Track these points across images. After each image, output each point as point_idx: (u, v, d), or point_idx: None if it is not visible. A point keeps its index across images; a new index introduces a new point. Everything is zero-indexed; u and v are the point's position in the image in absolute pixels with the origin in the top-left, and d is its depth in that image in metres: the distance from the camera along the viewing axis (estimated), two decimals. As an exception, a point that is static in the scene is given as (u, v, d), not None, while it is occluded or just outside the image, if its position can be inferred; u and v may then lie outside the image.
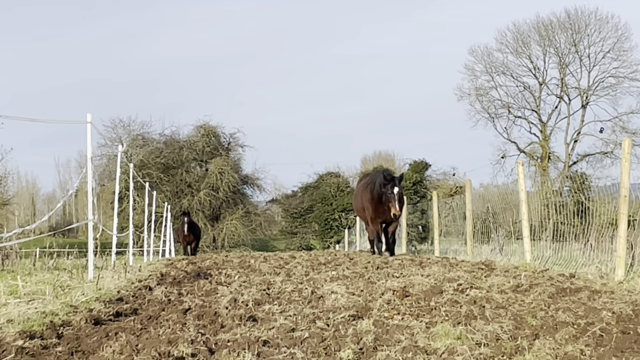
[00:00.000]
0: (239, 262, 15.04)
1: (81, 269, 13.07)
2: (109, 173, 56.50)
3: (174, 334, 5.95)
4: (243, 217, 58.74)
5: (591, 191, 17.57)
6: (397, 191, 16.27)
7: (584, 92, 54.56)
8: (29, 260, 18.73)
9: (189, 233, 29.87)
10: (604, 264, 11.96)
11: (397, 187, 16.29)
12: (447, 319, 6.57)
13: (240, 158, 63.10)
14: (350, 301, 7.73)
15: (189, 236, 30.05)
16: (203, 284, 10.00)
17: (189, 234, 29.95)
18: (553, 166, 55.68)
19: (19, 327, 6.29)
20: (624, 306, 7.02)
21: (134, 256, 18.25)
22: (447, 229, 25.28)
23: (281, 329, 6.17)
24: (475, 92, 57.14)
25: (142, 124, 60.96)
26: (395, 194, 16.26)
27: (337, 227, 57.44)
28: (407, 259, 14.66)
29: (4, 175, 48.08)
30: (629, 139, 10.85)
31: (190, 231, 29.94)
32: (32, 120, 11.32)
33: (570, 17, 54.58)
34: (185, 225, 29.91)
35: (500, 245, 18.68)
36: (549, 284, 8.92)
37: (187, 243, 30.25)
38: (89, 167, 11.91)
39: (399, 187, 16.32)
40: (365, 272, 11.16)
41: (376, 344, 5.62)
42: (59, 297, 8.37)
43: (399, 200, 16.39)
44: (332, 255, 17.12)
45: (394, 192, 16.27)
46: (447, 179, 61.03)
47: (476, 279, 9.73)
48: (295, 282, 10.02)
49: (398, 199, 16.29)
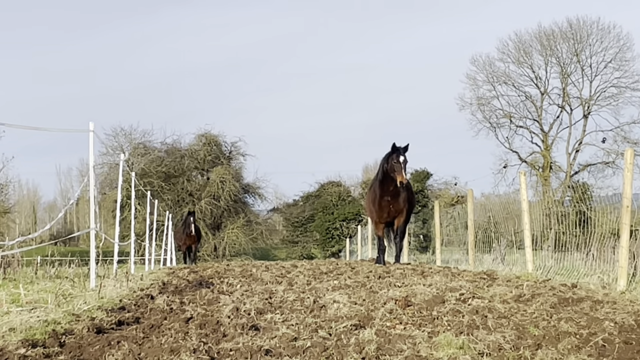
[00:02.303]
0: (240, 271, 15.04)
1: (83, 278, 13.07)
2: (110, 181, 56.58)
3: (176, 343, 5.95)
4: (244, 226, 58.76)
5: (593, 201, 17.55)
6: (403, 160, 15.85)
7: (585, 102, 54.58)
8: (30, 269, 18.72)
9: (194, 234, 28.84)
10: (606, 274, 11.95)
11: (402, 155, 15.88)
12: (450, 329, 6.56)
13: (241, 167, 63.26)
14: (353, 310, 7.72)
15: (193, 237, 28.97)
16: (205, 292, 9.99)
17: (194, 235, 28.91)
18: (555, 176, 55.70)
19: (21, 335, 6.29)
20: (627, 316, 7.01)
21: (135, 265, 18.24)
22: (449, 238, 25.29)
23: (283, 338, 6.16)
24: (477, 101, 57.18)
25: (144, 132, 61.21)
26: (401, 162, 15.83)
27: (339, 236, 57.42)
28: (409, 268, 14.64)
29: (5, 184, 48.16)
30: (631, 149, 10.85)
31: (195, 232, 28.98)
32: (34, 128, 11.37)
33: (572, 26, 54.67)
34: (192, 225, 28.78)
35: (502, 254, 18.67)
36: (551, 294, 8.91)
37: (189, 245, 29.18)
38: (91, 175, 11.93)
39: (404, 156, 15.90)
40: (367, 282, 11.15)
41: (379, 354, 5.62)
42: (61, 306, 8.37)
43: (405, 169, 15.95)
44: (333, 265, 17.10)
45: (400, 160, 15.87)
46: (448, 188, 61.04)
47: (478, 288, 9.72)
48: (297, 291, 10.01)
49: (404, 166, 15.86)
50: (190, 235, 28.76)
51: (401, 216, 16.94)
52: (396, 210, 16.76)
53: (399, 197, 16.56)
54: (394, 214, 16.84)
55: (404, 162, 15.86)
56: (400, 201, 16.62)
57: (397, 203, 16.62)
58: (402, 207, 16.73)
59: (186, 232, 28.91)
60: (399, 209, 16.75)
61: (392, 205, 16.66)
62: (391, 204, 16.66)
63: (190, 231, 28.57)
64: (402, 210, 16.79)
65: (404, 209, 16.89)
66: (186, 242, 29.07)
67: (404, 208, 16.88)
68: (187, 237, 28.85)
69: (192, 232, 28.57)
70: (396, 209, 16.74)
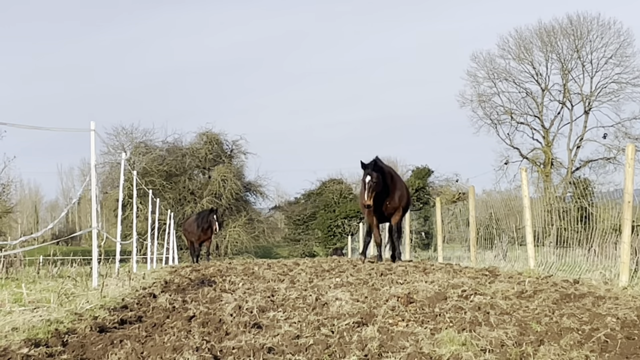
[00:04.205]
0: (242, 269, 15.04)
1: (85, 277, 13.09)
2: (112, 181, 56.60)
3: (179, 342, 5.95)
4: (246, 224, 58.78)
5: (594, 197, 17.57)
6: (369, 180, 15.32)
7: (586, 98, 54.54)
8: (33, 268, 18.76)
9: (208, 229, 26.62)
10: (608, 270, 11.95)
11: (369, 175, 15.34)
12: (452, 325, 6.57)
13: (242, 165, 63.28)
14: (355, 308, 7.73)
15: (207, 233, 26.87)
16: (207, 291, 10.00)
17: (208, 230, 26.73)
18: (556, 172, 55.67)
19: (24, 335, 6.30)
20: (629, 312, 7.01)
21: (137, 264, 18.27)
22: (451, 235, 25.30)
23: (286, 336, 6.17)
24: (478, 98, 57.15)
25: (145, 131, 61.22)
26: (366, 182, 15.37)
27: (340, 233, 57.46)
28: (410, 265, 14.64)
29: (7, 183, 48.14)
30: (632, 145, 10.85)
31: (211, 229, 26.73)
32: (35, 128, 11.36)
33: (573, 23, 54.62)
34: (216, 224, 26.58)
35: (503, 251, 18.69)
36: (553, 290, 8.91)
37: (202, 242, 27.16)
38: (93, 174, 11.94)
39: (371, 175, 15.32)
40: (369, 279, 11.15)
41: (381, 351, 5.62)
42: (64, 305, 8.38)
43: (370, 190, 15.30)
44: (335, 262, 17.10)
45: (364, 181, 15.42)
46: (450, 185, 61.10)
47: (480, 285, 9.72)
48: (299, 289, 10.01)
49: (368, 187, 15.31)
50: (204, 229, 26.73)
51: (395, 216, 16.81)
52: (389, 214, 16.67)
53: (388, 198, 16.36)
54: (388, 215, 16.77)
55: (369, 183, 15.38)
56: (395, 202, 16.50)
57: (391, 206, 16.48)
58: (396, 207, 16.62)
59: (202, 226, 26.80)
60: (392, 212, 16.63)
61: (385, 208, 16.49)
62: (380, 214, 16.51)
63: (214, 229, 26.65)
64: (397, 209, 16.69)
65: (398, 213, 16.78)
66: (200, 238, 27.08)
67: (398, 213, 16.78)
68: (202, 232, 26.83)
69: (215, 229, 26.73)
70: (389, 213, 16.64)
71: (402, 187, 16.99)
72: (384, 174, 15.89)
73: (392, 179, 16.49)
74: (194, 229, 27.14)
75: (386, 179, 16.03)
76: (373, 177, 15.39)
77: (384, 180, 15.89)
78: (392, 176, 16.66)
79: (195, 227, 27.00)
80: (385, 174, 16.04)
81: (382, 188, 15.86)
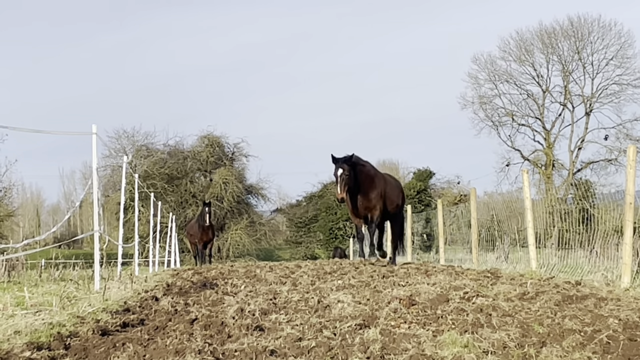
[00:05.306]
0: (244, 272, 15.04)
1: (87, 280, 13.08)
2: (114, 184, 56.65)
3: (181, 344, 5.96)
4: (248, 227, 58.82)
5: (596, 198, 17.56)
6: (340, 173, 15.03)
7: (587, 100, 54.55)
8: (35, 272, 18.78)
9: (209, 227, 25.80)
10: (610, 271, 11.95)
11: (340, 168, 15.07)
12: (454, 327, 6.57)
13: (244, 168, 63.32)
14: (357, 310, 7.73)
15: (208, 233, 26.01)
16: (209, 294, 10.00)
17: (209, 230, 25.93)
18: (557, 174, 55.68)
19: (26, 338, 6.31)
20: (631, 313, 7.01)
21: (139, 267, 18.28)
22: (452, 237, 25.28)
23: (288, 339, 6.17)
24: (479, 100, 57.19)
25: (146, 134, 61.34)
26: (338, 175, 15.09)
27: (342, 236, 57.43)
28: (412, 267, 14.64)
29: (9, 187, 48.24)
30: (633, 146, 10.85)
31: (210, 226, 25.94)
32: (37, 131, 11.36)
33: (573, 24, 54.65)
34: (208, 216, 25.57)
35: (505, 253, 18.68)
36: (555, 292, 8.92)
37: (205, 243, 26.25)
38: (95, 178, 11.95)
39: (342, 168, 15.04)
40: (371, 281, 11.15)
41: (383, 353, 5.62)
42: (66, 308, 8.38)
43: (342, 183, 15.04)
44: (337, 265, 17.10)
45: (336, 174, 15.14)
46: (451, 187, 61.13)
47: (482, 287, 9.73)
48: (301, 291, 10.01)
49: (341, 180, 15.03)
50: (205, 228, 25.82)
51: (375, 211, 16.25)
52: (366, 208, 16.19)
53: (361, 195, 16.00)
54: (365, 211, 16.28)
55: (341, 176, 15.11)
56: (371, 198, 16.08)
57: (367, 200, 16.09)
58: (373, 204, 16.13)
59: (200, 223, 26.14)
60: (369, 206, 16.17)
61: (362, 203, 16.08)
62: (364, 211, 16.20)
63: (205, 222, 25.59)
64: (374, 207, 16.17)
65: (377, 205, 16.24)
66: (202, 238, 26.18)
67: (377, 205, 16.24)
68: (203, 232, 25.98)
69: (207, 223, 25.57)
70: (366, 206, 16.17)
71: (381, 187, 16.37)
72: (355, 170, 15.51)
73: (369, 177, 16.00)
74: (195, 230, 26.82)
75: (359, 176, 15.62)
76: (345, 169, 15.14)
77: (356, 176, 15.50)
78: (371, 175, 16.16)
79: (197, 228, 26.64)
80: (357, 171, 15.61)
81: (354, 183, 15.51)
